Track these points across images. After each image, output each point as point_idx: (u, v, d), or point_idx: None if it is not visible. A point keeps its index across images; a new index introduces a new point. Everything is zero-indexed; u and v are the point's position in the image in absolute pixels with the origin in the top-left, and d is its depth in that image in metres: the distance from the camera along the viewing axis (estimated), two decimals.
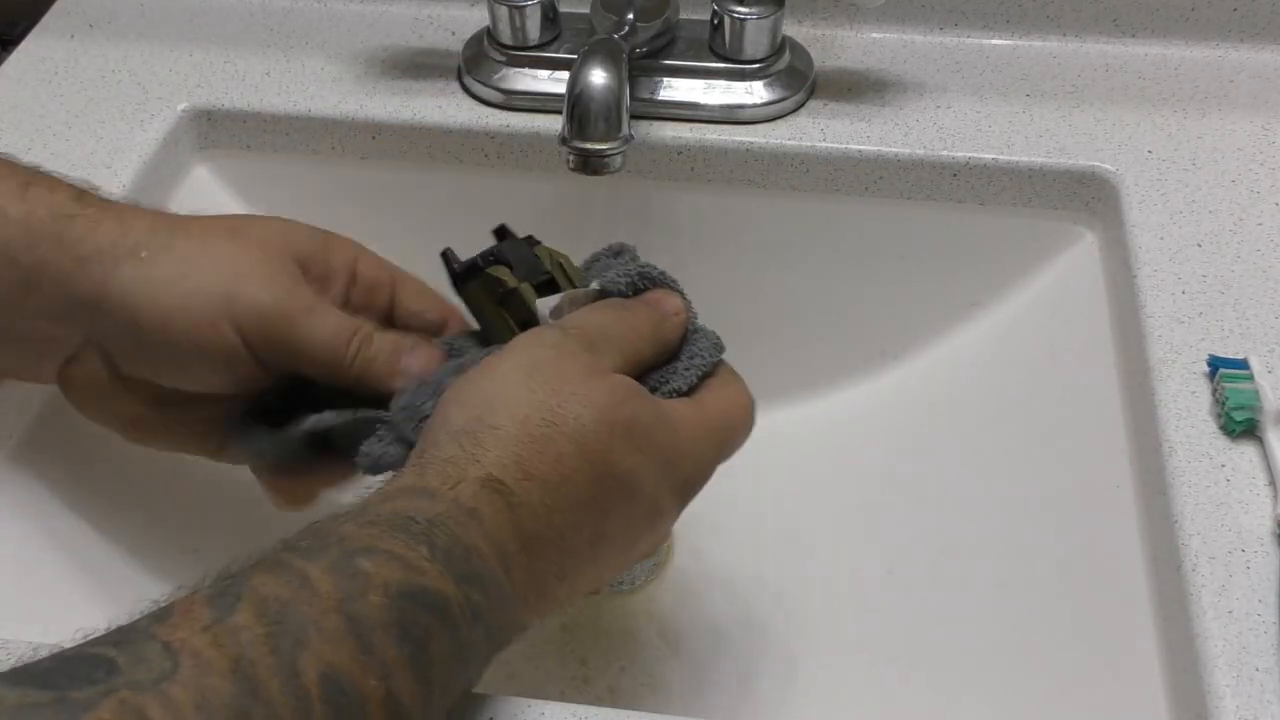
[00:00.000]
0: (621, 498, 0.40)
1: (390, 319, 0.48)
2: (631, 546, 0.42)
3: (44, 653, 0.42)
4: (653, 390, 0.43)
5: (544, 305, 0.45)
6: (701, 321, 0.46)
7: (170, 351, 0.44)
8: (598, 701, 0.58)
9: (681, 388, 0.44)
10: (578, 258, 0.49)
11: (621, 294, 0.45)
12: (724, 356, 0.47)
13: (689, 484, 0.43)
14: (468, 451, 0.38)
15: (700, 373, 0.44)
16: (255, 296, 0.44)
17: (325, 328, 0.44)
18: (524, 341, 0.42)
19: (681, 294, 0.46)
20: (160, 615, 0.32)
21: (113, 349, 0.45)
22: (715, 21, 0.62)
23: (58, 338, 0.45)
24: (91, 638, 0.31)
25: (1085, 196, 0.60)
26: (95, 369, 0.46)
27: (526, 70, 0.63)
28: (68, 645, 0.31)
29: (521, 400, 0.39)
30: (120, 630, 0.31)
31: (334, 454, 0.46)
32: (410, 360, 0.45)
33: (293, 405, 0.46)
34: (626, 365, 0.42)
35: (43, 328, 0.45)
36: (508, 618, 0.37)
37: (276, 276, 0.45)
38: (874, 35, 0.68)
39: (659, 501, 0.41)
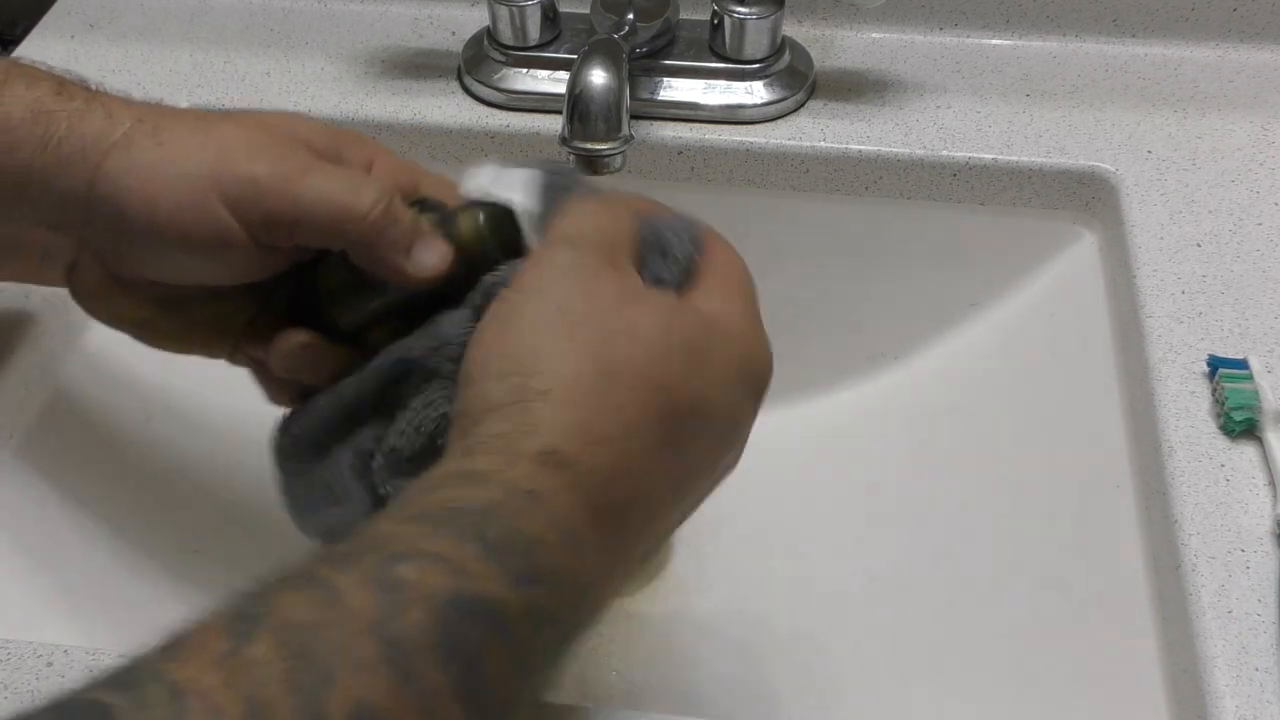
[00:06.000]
0: (697, 424, 0.36)
1: None
2: (716, 466, 0.38)
3: (43, 655, 0.42)
4: (659, 283, 0.39)
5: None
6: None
7: (158, 241, 0.40)
8: (597, 701, 0.58)
9: (678, 272, 0.40)
10: None
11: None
12: None
13: (755, 375, 0.39)
14: (517, 425, 0.34)
15: (690, 249, 0.41)
16: (247, 168, 0.39)
17: (333, 181, 0.40)
18: (538, 275, 0.37)
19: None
20: (172, 646, 0.28)
21: (103, 248, 0.41)
22: (715, 21, 0.62)
23: (54, 243, 0.43)
24: (97, 679, 0.28)
25: (1085, 196, 0.60)
26: (94, 273, 0.42)
27: (526, 70, 0.63)
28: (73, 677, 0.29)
29: (565, 353, 0.35)
30: (127, 668, 0.28)
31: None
32: (430, 246, 0.40)
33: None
34: (636, 263, 0.38)
35: (37, 234, 0.42)
36: (584, 610, 0.34)
37: (274, 147, 0.40)
38: (874, 35, 0.68)
39: (736, 409, 0.38)
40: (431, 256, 0.40)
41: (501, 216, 0.41)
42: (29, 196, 0.41)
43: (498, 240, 0.40)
